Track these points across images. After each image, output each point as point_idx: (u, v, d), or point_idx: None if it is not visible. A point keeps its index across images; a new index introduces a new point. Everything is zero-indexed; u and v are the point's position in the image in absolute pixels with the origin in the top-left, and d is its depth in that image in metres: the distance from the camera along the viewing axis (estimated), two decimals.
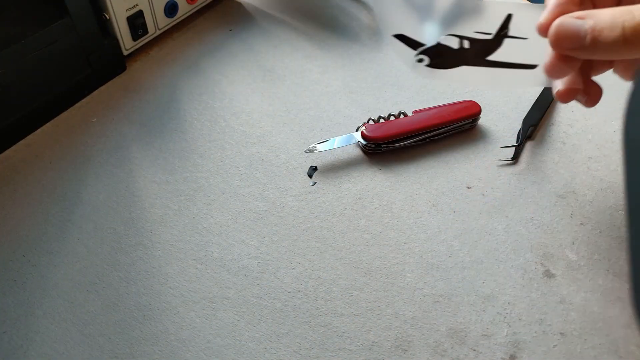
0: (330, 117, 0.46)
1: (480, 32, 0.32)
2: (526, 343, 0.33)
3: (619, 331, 0.33)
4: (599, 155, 0.43)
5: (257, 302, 0.35)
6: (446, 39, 0.32)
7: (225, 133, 0.45)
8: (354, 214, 0.40)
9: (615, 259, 0.37)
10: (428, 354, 0.33)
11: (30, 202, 0.40)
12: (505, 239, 0.38)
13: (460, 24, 0.32)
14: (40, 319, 0.34)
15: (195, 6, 0.54)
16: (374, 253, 0.37)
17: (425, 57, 0.33)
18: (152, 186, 0.41)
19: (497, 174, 0.42)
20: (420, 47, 0.33)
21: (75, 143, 0.44)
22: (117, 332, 0.33)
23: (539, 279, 0.36)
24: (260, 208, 0.40)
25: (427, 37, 0.33)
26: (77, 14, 0.43)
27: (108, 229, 0.39)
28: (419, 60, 0.33)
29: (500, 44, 0.32)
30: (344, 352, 0.33)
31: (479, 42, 0.32)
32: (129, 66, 0.51)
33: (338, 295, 0.35)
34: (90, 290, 0.35)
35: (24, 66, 0.41)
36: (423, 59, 0.33)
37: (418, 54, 0.33)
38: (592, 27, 0.25)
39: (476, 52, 0.32)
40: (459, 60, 0.33)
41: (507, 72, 0.33)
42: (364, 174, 0.42)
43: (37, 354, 0.32)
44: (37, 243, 0.38)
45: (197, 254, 0.37)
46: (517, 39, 0.32)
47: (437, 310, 0.34)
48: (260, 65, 0.51)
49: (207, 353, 0.33)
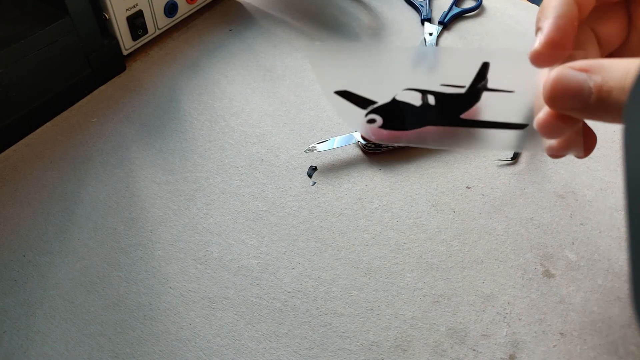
0: (330, 117, 0.46)
1: (449, 84, 0.26)
2: (526, 343, 0.33)
3: (618, 331, 0.33)
4: (599, 155, 0.43)
5: (256, 302, 0.35)
6: (404, 94, 0.26)
7: (225, 133, 0.45)
8: (353, 214, 0.40)
9: (615, 259, 0.37)
10: (428, 354, 0.33)
11: (30, 202, 0.40)
12: (505, 239, 0.38)
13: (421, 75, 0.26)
14: (40, 319, 0.34)
15: (195, 6, 0.54)
16: (373, 253, 0.37)
17: (378, 117, 0.27)
18: (152, 186, 0.41)
19: (497, 174, 0.42)
20: (371, 105, 0.26)
21: (75, 143, 0.44)
22: (117, 332, 0.33)
23: (539, 279, 0.36)
24: (260, 208, 0.40)
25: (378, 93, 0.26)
26: (77, 13, 0.43)
27: (108, 229, 0.39)
28: (369, 122, 0.27)
29: (476, 99, 0.26)
30: (343, 352, 0.33)
31: (448, 97, 0.26)
32: (129, 66, 0.51)
33: (337, 295, 0.35)
34: (91, 290, 0.35)
35: (24, 66, 0.41)
36: (375, 119, 0.27)
37: (368, 113, 0.26)
38: (598, 85, 0.20)
39: (446, 109, 0.26)
40: (422, 120, 0.27)
41: (489, 132, 0.26)
42: (364, 174, 0.42)
43: (38, 354, 0.33)
44: (38, 243, 0.38)
45: (197, 254, 0.37)
46: (499, 92, 0.26)
47: (437, 310, 0.35)
48: (260, 65, 0.51)
49: (207, 353, 0.33)
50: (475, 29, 0.55)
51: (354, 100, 0.26)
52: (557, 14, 0.24)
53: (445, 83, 0.26)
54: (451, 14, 0.56)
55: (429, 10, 0.56)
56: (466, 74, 0.26)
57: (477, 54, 0.26)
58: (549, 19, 0.24)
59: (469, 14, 0.57)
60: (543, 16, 0.24)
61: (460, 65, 0.26)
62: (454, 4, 0.57)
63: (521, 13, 0.57)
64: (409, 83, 0.26)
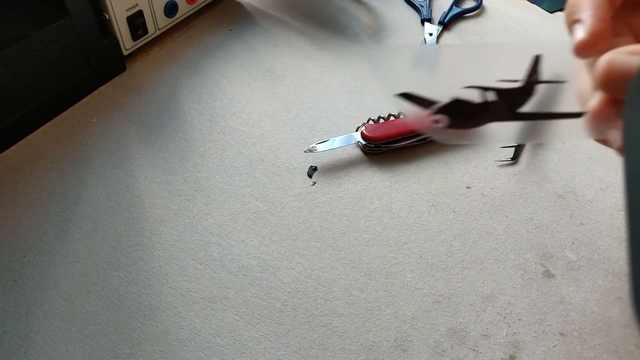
0: (330, 117, 0.46)
1: (505, 80, 0.26)
2: (526, 343, 0.33)
3: (618, 331, 0.33)
4: (599, 155, 0.43)
5: (256, 302, 0.35)
6: (465, 92, 0.26)
7: (225, 133, 0.45)
8: (353, 214, 0.40)
9: (615, 259, 0.37)
10: (428, 354, 0.33)
11: (30, 202, 0.40)
12: (505, 239, 0.38)
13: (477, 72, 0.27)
14: (40, 319, 0.34)
15: (195, 6, 0.54)
16: (373, 253, 0.37)
17: (443, 117, 0.26)
18: (152, 186, 0.41)
19: (497, 174, 0.42)
20: (433, 105, 0.26)
21: (75, 143, 0.44)
22: (117, 332, 0.33)
23: (539, 279, 0.36)
24: (260, 208, 0.40)
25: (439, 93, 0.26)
26: (77, 14, 0.43)
27: (108, 229, 0.39)
28: (435, 122, 0.26)
29: (531, 92, 0.26)
30: (343, 352, 0.33)
31: (506, 92, 0.26)
32: (129, 66, 0.51)
33: (338, 295, 0.35)
34: (91, 290, 0.35)
35: (24, 66, 0.41)
36: (440, 119, 0.26)
37: (433, 113, 0.26)
38: None
39: (505, 104, 0.26)
40: (485, 117, 0.26)
41: (547, 124, 0.26)
42: (364, 174, 0.42)
43: (38, 354, 0.33)
44: (38, 243, 0.38)
45: (197, 254, 0.37)
46: (553, 83, 0.26)
47: (437, 310, 0.35)
48: (260, 65, 0.51)
49: (207, 353, 0.33)
50: (475, 29, 0.55)
51: (417, 101, 0.26)
52: (595, 5, 0.24)
53: (501, 79, 0.26)
54: (451, 14, 0.56)
55: (429, 10, 0.56)
56: (518, 69, 0.26)
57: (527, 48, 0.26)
58: (588, 11, 0.24)
59: (469, 14, 0.57)
60: (578, 9, 0.25)
61: (512, 60, 0.27)
62: (454, 4, 0.57)
63: (521, 13, 0.57)
64: (467, 81, 0.26)
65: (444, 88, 0.27)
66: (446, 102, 0.26)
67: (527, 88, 0.26)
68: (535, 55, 0.26)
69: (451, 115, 0.26)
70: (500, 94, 0.26)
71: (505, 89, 0.26)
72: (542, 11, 0.57)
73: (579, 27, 0.24)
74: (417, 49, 0.27)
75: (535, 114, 0.26)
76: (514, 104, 0.26)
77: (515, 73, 0.26)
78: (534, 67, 0.26)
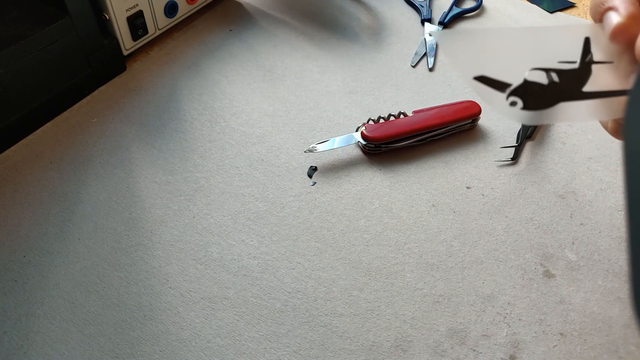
0: (330, 117, 0.46)
1: (564, 61, 0.28)
2: (526, 343, 0.33)
3: (618, 331, 0.33)
4: (599, 155, 0.43)
5: (256, 302, 0.35)
6: (532, 74, 0.28)
7: (225, 133, 0.45)
8: (353, 214, 0.40)
9: (615, 259, 0.37)
10: (428, 354, 0.33)
11: (30, 202, 0.40)
12: (505, 239, 0.38)
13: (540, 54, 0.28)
14: (40, 319, 0.34)
15: (195, 6, 0.54)
16: (373, 253, 0.37)
17: (517, 99, 0.28)
18: (153, 186, 0.41)
19: (497, 174, 0.42)
20: (507, 87, 0.27)
21: (75, 143, 0.44)
22: (117, 332, 0.33)
23: (539, 279, 0.36)
24: (260, 208, 0.40)
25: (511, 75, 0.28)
26: (77, 14, 0.43)
27: (108, 229, 0.39)
28: (511, 104, 0.28)
29: (589, 72, 0.28)
30: (343, 352, 0.33)
31: (567, 73, 0.28)
32: (129, 66, 0.51)
33: (338, 295, 0.35)
34: (91, 290, 0.35)
35: (24, 66, 0.41)
36: (516, 101, 0.28)
37: (508, 95, 0.28)
38: None
39: (568, 84, 0.28)
40: (554, 96, 0.28)
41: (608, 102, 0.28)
42: (364, 174, 0.42)
43: (38, 354, 0.33)
44: (38, 243, 0.38)
45: (197, 254, 0.37)
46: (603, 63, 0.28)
47: (437, 310, 0.35)
48: (260, 65, 0.51)
49: (207, 353, 0.33)
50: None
51: (492, 84, 0.27)
52: None
53: (561, 60, 0.28)
54: (451, 14, 0.56)
55: (429, 10, 0.56)
56: (573, 50, 0.28)
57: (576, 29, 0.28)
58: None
59: (469, 14, 0.57)
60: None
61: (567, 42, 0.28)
62: (454, 4, 0.57)
63: (521, 13, 0.57)
64: (532, 63, 0.28)
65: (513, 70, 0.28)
66: (519, 84, 0.28)
67: (584, 68, 0.28)
68: (585, 37, 0.27)
69: (525, 97, 0.28)
70: (563, 75, 0.28)
71: (567, 70, 0.28)
72: (542, 11, 0.57)
73: (612, 14, 0.25)
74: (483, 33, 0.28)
75: (596, 92, 0.28)
76: (577, 83, 0.28)
77: (570, 54, 0.27)
78: (586, 48, 0.27)
